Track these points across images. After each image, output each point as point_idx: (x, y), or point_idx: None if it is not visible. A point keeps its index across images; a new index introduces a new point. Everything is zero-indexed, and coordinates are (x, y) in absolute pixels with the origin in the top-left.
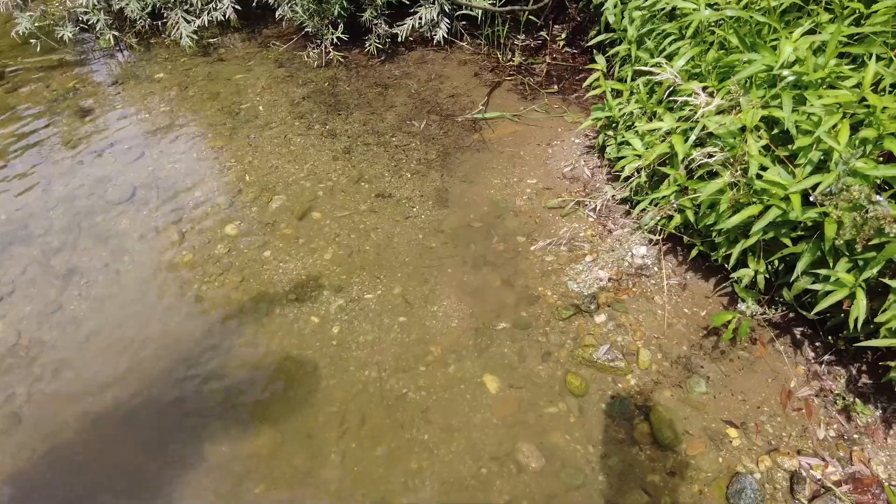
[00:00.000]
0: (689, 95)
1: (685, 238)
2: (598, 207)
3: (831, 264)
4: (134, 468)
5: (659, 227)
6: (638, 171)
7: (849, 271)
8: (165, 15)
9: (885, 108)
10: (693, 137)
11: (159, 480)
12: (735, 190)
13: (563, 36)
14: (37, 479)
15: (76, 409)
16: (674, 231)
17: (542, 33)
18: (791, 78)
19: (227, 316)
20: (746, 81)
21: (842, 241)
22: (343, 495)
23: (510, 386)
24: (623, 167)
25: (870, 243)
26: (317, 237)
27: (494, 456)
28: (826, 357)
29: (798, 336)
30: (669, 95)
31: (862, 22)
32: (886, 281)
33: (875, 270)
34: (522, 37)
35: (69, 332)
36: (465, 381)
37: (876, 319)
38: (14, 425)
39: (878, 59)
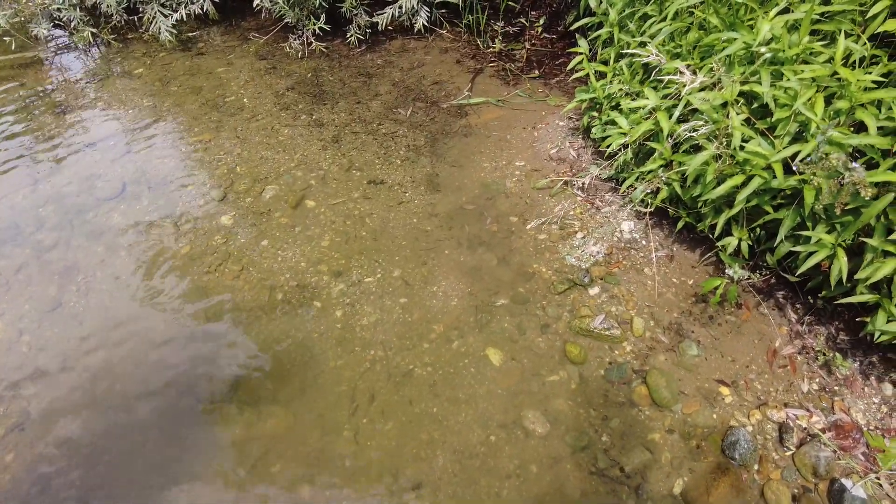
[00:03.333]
0: (674, 73)
1: (671, 211)
2: (585, 186)
3: (811, 228)
4: (149, 456)
5: (648, 201)
6: (624, 147)
7: (828, 234)
8: (141, 10)
9: (856, 80)
10: (677, 114)
11: (177, 466)
12: (720, 161)
13: (541, 22)
14: (53, 471)
15: (85, 403)
16: (660, 204)
17: (520, 19)
18: (768, 55)
19: (230, 304)
20: (727, 59)
21: (820, 207)
22: (358, 468)
23: (512, 358)
24: (609, 146)
25: (846, 207)
26: (313, 225)
27: (502, 424)
28: (807, 317)
29: (780, 299)
30: (652, 75)
31: (831, 0)
32: (864, 239)
33: (852, 232)
34: (501, 23)
35: (71, 329)
36: (468, 355)
37: (856, 276)
38: (25, 420)
39: (847, 35)
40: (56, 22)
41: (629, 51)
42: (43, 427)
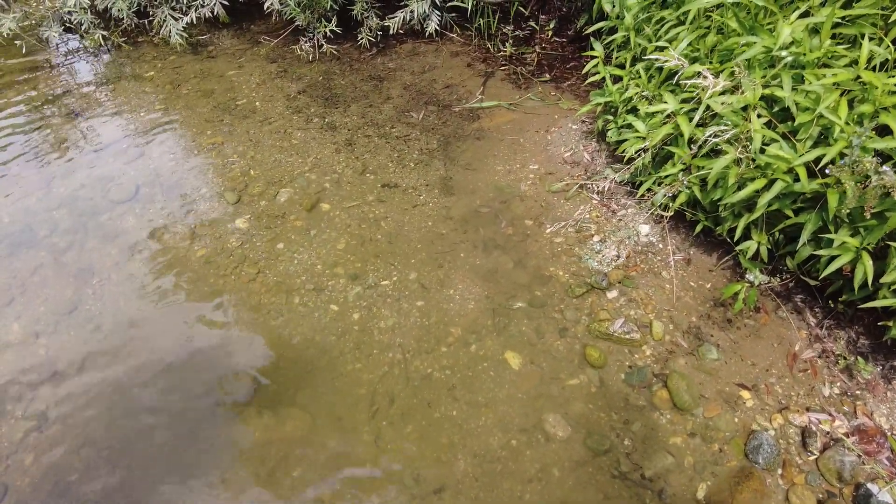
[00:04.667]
0: (695, 77)
1: (688, 215)
2: (602, 190)
3: (833, 232)
4: (168, 459)
5: (667, 205)
6: (643, 151)
7: (851, 237)
8: (151, 13)
9: (881, 84)
10: (697, 118)
11: (196, 469)
12: (742, 165)
13: (551, 26)
14: (72, 473)
15: (102, 406)
16: (679, 208)
17: (530, 23)
18: (789, 59)
19: (246, 307)
20: (748, 63)
21: (846, 210)
22: (379, 472)
23: (531, 361)
24: (625, 150)
25: (873, 211)
26: (328, 228)
27: (522, 428)
28: (826, 321)
29: (799, 303)
30: (669, 79)
31: (852, 4)
32: (890, 243)
33: (878, 236)
34: (511, 27)
35: (87, 331)
36: (487, 359)
37: (881, 280)
38: (43, 423)
39: (869, 38)
40: (67, 25)
41: (650, 56)
42: (61, 430)
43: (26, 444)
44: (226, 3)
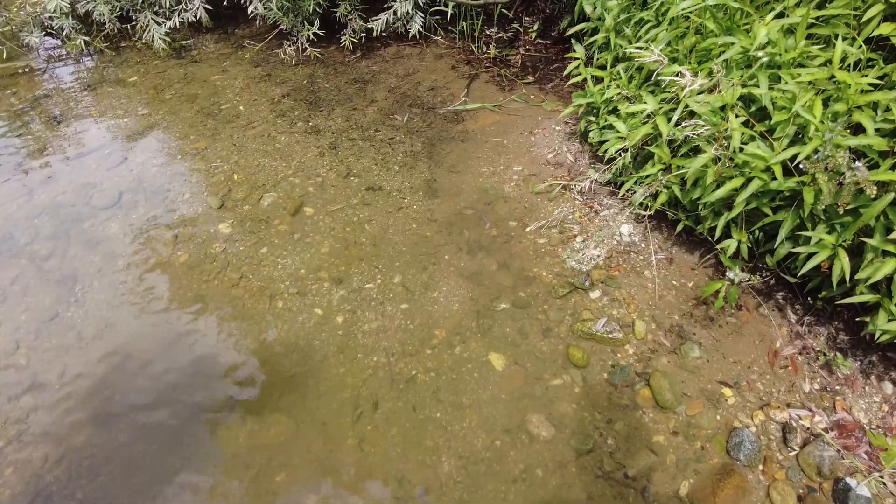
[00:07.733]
0: (675, 76)
1: (670, 214)
2: (584, 190)
3: (810, 229)
4: (151, 467)
5: (647, 204)
6: (623, 152)
7: (828, 234)
8: (134, 18)
9: (854, 83)
10: (676, 117)
11: (179, 476)
12: (719, 164)
13: (535, 28)
14: (53, 484)
15: (84, 415)
16: (659, 207)
17: (514, 25)
18: (765, 59)
19: (229, 313)
20: (725, 63)
21: (821, 208)
22: (363, 476)
23: (515, 362)
24: (607, 150)
25: (847, 207)
26: (312, 232)
27: (506, 428)
28: (806, 318)
29: (780, 300)
30: (650, 79)
31: (826, 5)
32: (865, 239)
33: (852, 232)
34: (495, 29)
35: (69, 339)
36: (471, 360)
37: (857, 276)
38: (23, 433)
39: (843, 38)
40: (48, 30)
41: (630, 50)
42: (42, 439)
43: (6, 455)
44: (209, 7)
